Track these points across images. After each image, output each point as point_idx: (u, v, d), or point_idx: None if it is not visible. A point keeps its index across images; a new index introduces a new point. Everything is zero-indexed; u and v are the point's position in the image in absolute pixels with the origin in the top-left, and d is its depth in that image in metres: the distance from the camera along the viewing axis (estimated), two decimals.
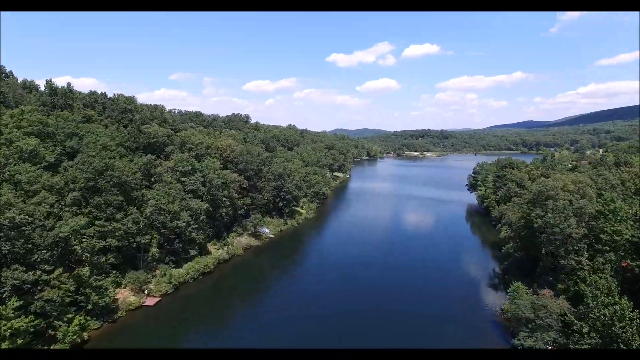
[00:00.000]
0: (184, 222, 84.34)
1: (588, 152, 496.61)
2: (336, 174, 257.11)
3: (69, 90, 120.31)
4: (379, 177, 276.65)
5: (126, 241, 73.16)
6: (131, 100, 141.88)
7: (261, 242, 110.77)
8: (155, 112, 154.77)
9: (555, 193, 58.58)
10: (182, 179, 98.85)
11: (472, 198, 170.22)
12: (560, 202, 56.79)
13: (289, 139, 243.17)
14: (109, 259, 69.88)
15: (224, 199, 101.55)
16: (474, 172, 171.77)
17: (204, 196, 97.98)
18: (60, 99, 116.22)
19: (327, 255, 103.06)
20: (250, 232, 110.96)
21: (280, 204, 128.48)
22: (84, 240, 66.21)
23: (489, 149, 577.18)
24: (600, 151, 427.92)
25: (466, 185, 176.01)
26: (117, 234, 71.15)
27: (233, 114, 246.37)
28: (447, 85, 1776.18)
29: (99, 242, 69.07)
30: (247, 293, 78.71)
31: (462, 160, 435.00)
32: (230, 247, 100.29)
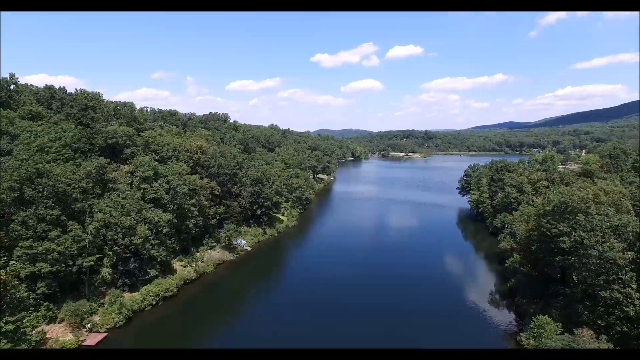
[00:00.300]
0: (140, 237, 71.08)
1: (572, 153, 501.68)
2: (320, 176, 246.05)
3: (12, 83, 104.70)
4: (365, 179, 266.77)
5: (63, 265, 59.52)
6: (95, 96, 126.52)
7: (236, 255, 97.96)
8: (123, 110, 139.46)
9: (585, 206, 48.64)
10: (143, 185, 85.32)
11: (463, 202, 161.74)
12: (596, 217, 46.88)
13: (270, 140, 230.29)
14: (38, 288, 56.29)
15: (192, 208, 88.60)
16: (465, 175, 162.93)
17: (168, 205, 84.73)
18: (2, 93, 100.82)
19: (309, 271, 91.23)
20: (223, 244, 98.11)
21: (259, 212, 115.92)
22: None
23: (474, 149, 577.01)
24: (583, 152, 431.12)
25: (457, 188, 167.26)
26: (50, 256, 57.51)
27: (211, 112, 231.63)
28: (430, 86, 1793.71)
29: (24, 268, 55.43)
30: (216, 322, 66.11)
31: (448, 162, 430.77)
32: (199, 263, 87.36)
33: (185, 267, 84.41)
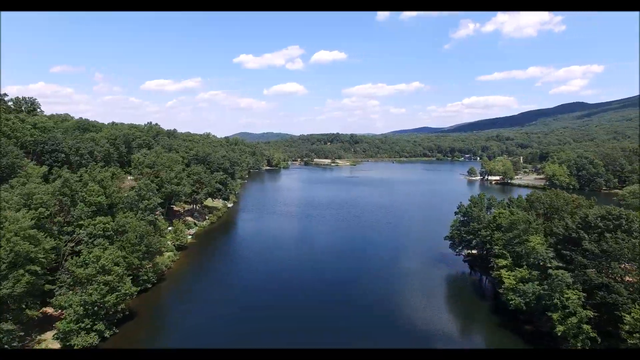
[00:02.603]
0: None
1: (498, 158, 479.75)
2: (212, 203, 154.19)
3: None
4: (279, 204, 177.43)
5: None
6: None
7: None
8: None
9: None
10: None
11: (449, 259, 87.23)
12: None
13: (121, 146, 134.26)
14: None
15: None
16: (463, 215, 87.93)
17: None
18: None
19: None
20: None
21: None
22: None
23: (404, 155, 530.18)
24: (521, 158, 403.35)
25: (446, 238, 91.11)
26: None
27: None
28: (352, 91, 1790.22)
29: None
30: None
31: (382, 170, 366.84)
32: None
33: None
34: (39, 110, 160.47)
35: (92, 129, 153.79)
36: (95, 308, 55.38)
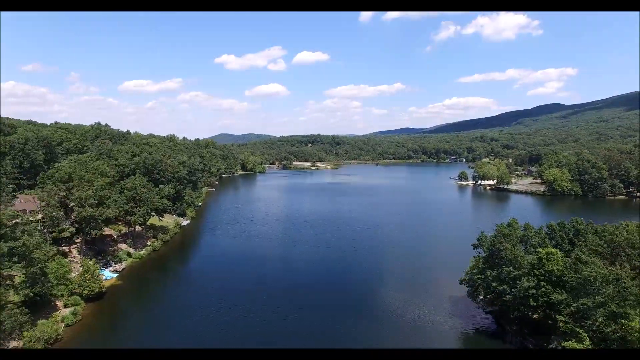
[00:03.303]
0: None
1: (484, 160, 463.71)
2: (163, 221, 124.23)
3: None
4: (248, 221, 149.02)
5: None
6: None
7: None
8: None
9: None
10: None
11: (443, 299, 61.43)
12: None
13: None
14: None
15: None
16: (488, 250, 62.09)
17: None
18: None
19: None
20: None
21: None
22: None
23: (388, 157, 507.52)
24: (510, 160, 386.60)
25: (463, 282, 65.33)
26: None
27: None
28: (334, 92, 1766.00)
29: None
30: None
31: (366, 174, 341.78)
32: None
33: None
34: None
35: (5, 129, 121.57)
36: None
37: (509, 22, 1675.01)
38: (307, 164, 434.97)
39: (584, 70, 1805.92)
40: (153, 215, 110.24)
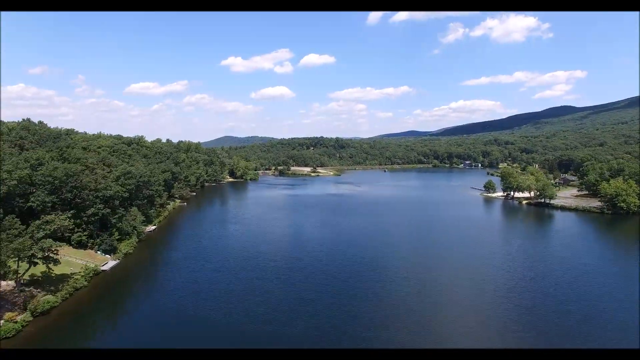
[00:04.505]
0: None
1: (502, 165, 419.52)
2: (79, 258, 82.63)
3: None
4: (216, 262, 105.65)
5: None
6: None
7: None
8: None
9: None
10: None
11: None
12: None
13: None
14: None
15: None
16: None
17: None
18: None
19: None
20: None
21: None
22: None
23: (397, 161, 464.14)
24: (536, 166, 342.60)
25: None
26: None
27: None
28: (339, 95, 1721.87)
29: None
30: None
31: (373, 183, 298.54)
32: None
33: None
34: None
35: None
36: None
37: (518, 24, 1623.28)
38: (307, 169, 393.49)
39: (593, 73, 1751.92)
40: (36, 265, 68.56)
